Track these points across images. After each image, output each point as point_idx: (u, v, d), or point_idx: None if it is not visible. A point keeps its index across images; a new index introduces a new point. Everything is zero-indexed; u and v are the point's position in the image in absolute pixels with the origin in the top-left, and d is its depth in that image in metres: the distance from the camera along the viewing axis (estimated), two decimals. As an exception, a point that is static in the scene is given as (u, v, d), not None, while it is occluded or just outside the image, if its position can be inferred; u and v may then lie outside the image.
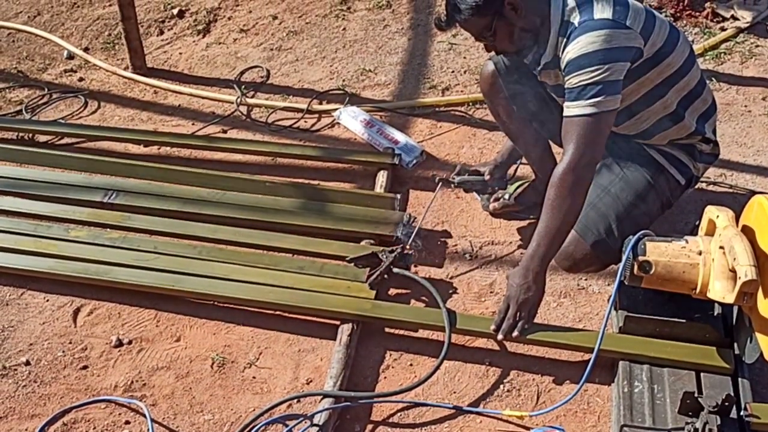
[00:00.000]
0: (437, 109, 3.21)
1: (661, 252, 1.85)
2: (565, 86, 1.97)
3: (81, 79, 3.63)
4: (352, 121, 3.13)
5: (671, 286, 1.86)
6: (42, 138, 3.17)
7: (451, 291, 2.43)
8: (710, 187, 2.71)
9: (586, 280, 2.43)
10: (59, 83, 3.61)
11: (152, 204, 2.69)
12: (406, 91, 3.35)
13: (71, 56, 3.78)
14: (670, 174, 2.24)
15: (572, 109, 1.95)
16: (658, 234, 1.97)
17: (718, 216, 1.85)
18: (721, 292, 1.71)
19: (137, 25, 3.53)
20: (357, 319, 2.24)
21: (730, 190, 2.70)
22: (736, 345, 1.95)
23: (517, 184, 2.67)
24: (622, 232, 2.12)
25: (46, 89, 3.54)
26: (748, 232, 1.82)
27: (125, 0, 3.41)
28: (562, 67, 1.99)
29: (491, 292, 2.42)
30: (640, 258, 1.86)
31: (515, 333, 2.05)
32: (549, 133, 2.39)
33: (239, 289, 2.34)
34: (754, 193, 2.66)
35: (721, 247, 1.75)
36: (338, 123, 3.18)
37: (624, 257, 1.88)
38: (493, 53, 2.18)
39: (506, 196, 2.65)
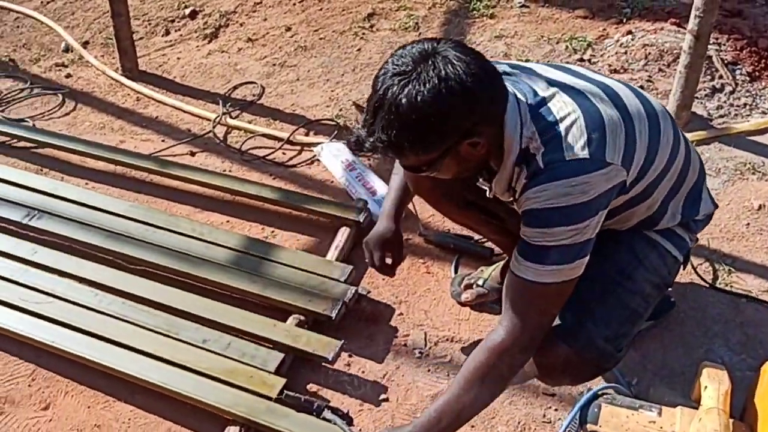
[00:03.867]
0: (436, 156, 2.70)
1: (618, 425, 1.30)
2: (521, 234, 1.45)
3: (69, 76, 3.34)
4: (332, 160, 2.68)
5: (627, 476, 1.31)
6: (0, 138, 2.90)
7: (382, 397, 1.93)
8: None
9: (555, 410, 1.88)
10: (45, 77, 3.33)
11: (72, 233, 2.32)
12: (407, 130, 2.86)
13: (68, 49, 3.51)
14: (666, 249, 1.70)
15: (524, 269, 1.43)
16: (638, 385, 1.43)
17: (706, 387, 1.28)
18: None
19: (129, 23, 3.20)
20: (245, 423, 1.79)
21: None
22: None
23: (493, 267, 2.14)
24: (605, 318, 1.60)
25: (29, 82, 3.27)
26: (751, 414, 1.24)
27: (117, -5, 3.10)
28: (520, 209, 1.46)
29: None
30: (589, 428, 1.32)
31: None
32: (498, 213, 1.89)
33: (120, 359, 1.93)
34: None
35: (698, 442, 1.19)
36: (319, 159, 2.74)
37: (566, 420, 1.34)
38: None
39: (480, 282, 2.13)
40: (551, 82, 1.49)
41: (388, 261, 1.92)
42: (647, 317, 1.80)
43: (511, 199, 1.53)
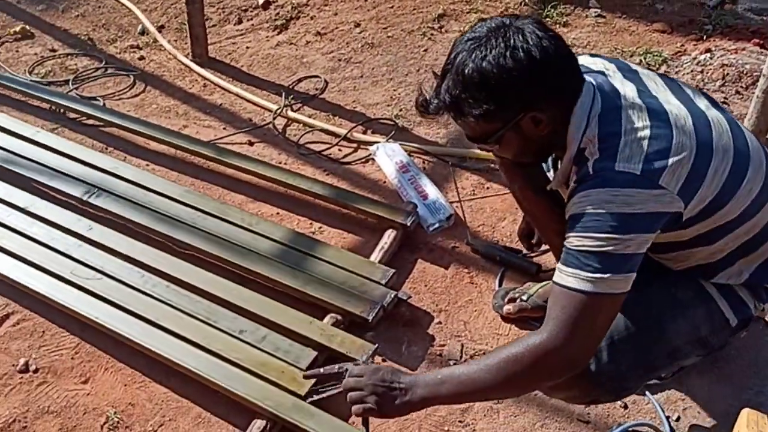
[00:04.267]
0: (492, 165, 2.66)
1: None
2: (564, 242, 1.40)
3: (142, 58, 3.43)
4: (386, 161, 2.66)
5: None
6: (72, 115, 3.00)
7: (411, 406, 1.91)
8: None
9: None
10: (120, 58, 3.43)
11: (128, 213, 2.39)
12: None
13: (144, 32, 3.60)
14: (717, 308, 1.58)
15: (565, 275, 1.37)
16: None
17: (744, 439, 1.21)
18: None
19: (202, 10, 3.27)
20: (272, 418, 1.80)
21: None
22: None
23: (541, 284, 2.09)
24: (617, 356, 1.54)
25: (104, 62, 3.38)
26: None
27: (193, -19, 3.16)
28: (567, 212, 1.42)
29: (460, 422, 1.88)
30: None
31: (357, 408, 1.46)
32: None
33: (159, 342, 1.97)
34: None
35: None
36: (373, 158, 2.73)
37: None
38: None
39: (524, 297, 2.08)
40: (643, 94, 1.43)
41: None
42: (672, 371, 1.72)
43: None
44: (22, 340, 2.11)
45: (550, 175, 1.74)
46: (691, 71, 2.96)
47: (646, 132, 1.37)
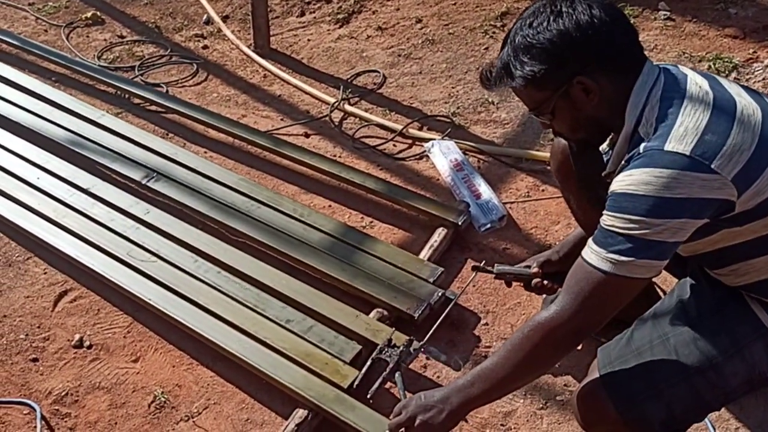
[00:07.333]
0: (548, 166, 2.61)
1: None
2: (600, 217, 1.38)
3: (205, 47, 3.50)
4: (441, 158, 2.65)
5: None
6: (136, 100, 3.08)
7: (453, 406, 1.90)
8: None
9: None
10: (184, 47, 3.51)
11: (184, 199, 2.44)
12: (522, 137, 2.78)
13: (209, 21, 3.67)
14: None
15: (589, 252, 1.36)
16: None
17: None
18: None
19: (266, 1, 3.30)
20: (313, 408, 1.81)
21: None
22: None
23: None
24: (671, 403, 1.48)
25: (169, 50, 3.45)
26: None
27: (259, -27, 3.20)
28: (609, 189, 1.39)
29: (502, 426, 1.85)
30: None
31: None
32: None
33: (208, 326, 2.00)
34: None
35: None
36: (428, 156, 2.72)
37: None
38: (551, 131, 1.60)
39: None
40: (714, 85, 1.39)
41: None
42: None
43: None
44: (78, 316, 2.18)
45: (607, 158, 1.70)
46: (763, 79, 2.85)
47: (707, 114, 1.33)
